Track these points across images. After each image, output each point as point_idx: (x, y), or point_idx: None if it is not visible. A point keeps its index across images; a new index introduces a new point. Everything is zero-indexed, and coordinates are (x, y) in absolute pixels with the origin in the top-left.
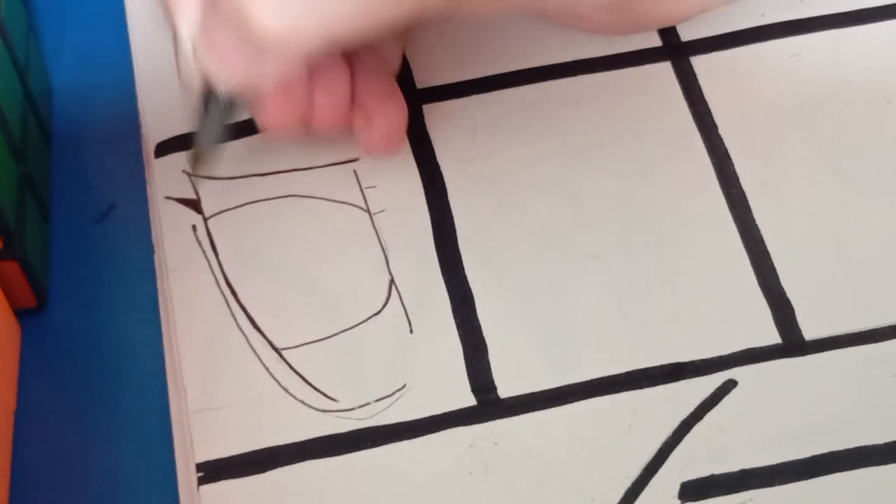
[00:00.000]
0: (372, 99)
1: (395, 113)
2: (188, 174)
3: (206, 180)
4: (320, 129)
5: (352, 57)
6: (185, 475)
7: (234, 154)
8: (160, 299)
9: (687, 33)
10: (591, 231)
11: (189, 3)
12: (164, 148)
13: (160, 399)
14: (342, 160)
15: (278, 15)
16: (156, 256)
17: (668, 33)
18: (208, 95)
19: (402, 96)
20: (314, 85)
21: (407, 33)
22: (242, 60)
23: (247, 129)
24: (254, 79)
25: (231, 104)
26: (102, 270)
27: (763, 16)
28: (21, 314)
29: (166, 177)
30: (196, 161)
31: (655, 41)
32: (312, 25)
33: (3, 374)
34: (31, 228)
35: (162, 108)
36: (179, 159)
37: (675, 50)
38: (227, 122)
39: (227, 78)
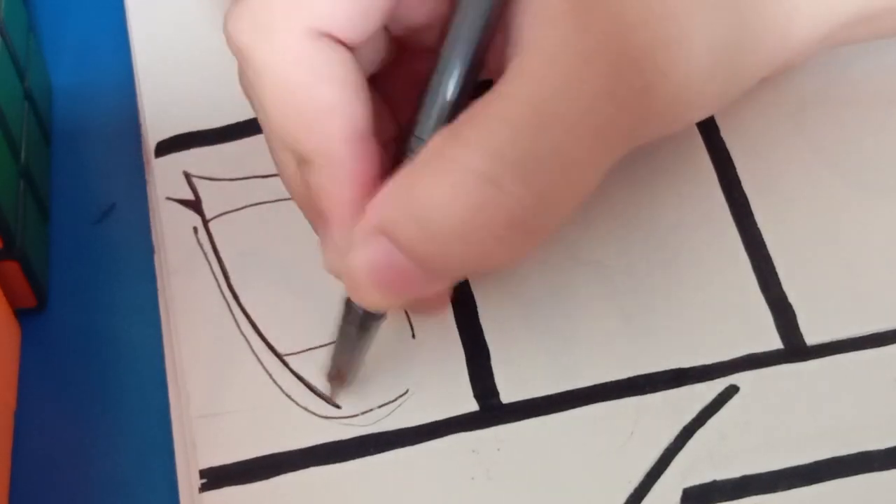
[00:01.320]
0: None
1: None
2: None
3: (205, 180)
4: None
5: None
6: (186, 482)
7: (235, 155)
8: (160, 300)
9: None
10: (592, 236)
11: (340, 203)
12: (164, 147)
13: (160, 399)
14: None
15: (505, 242)
16: (156, 257)
17: None
18: (347, 314)
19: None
20: None
21: None
22: (411, 284)
23: (247, 129)
24: (414, 296)
25: (372, 318)
26: (102, 270)
27: None
28: (21, 314)
29: (166, 177)
30: (335, 378)
31: None
32: (534, 241)
33: (3, 374)
34: (31, 228)
35: (162, 108)
36: (179, 159)
37: None
38: (369, 333)
39: (381, 302)
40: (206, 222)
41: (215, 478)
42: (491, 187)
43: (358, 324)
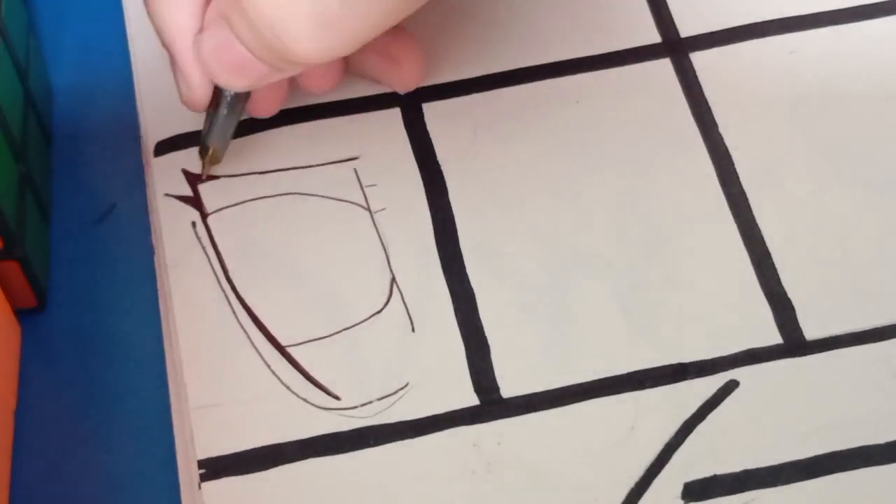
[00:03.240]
0: (392, 43)
1: (414, 50)
2: (188, 173)
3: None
4: (312, 89)
5: None
6: (186, 474)
7: (232, 152)
8: (160, 298)
9: (686, 29)
10: (591, 230)
11: (181, 31)
12: (164, 147)
13: (160, 399)
14: (342, 158)
15: (319, 41)
16: (156, 257)
17: (668, 29)
18: (216, 97)
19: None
20: None
21: None
22: (259, 71)
23: (243, 128)
24: (266, 82)
25: (239, 101)
26: (102, 270)
27: (762, 12)
28: (21, 314)
29: (165, 175)
30: (206, 155)
31: (655, 38)
32: (351, 40)
33: (3, 374)
34: (31, 228)
35: (161, 108)
36: (179, 158)
37: (675, 47)
38: (235, 117)
39: (237, 85)
40: (204, 217)
41: (214, 468)
42: None
43: (227, 104)
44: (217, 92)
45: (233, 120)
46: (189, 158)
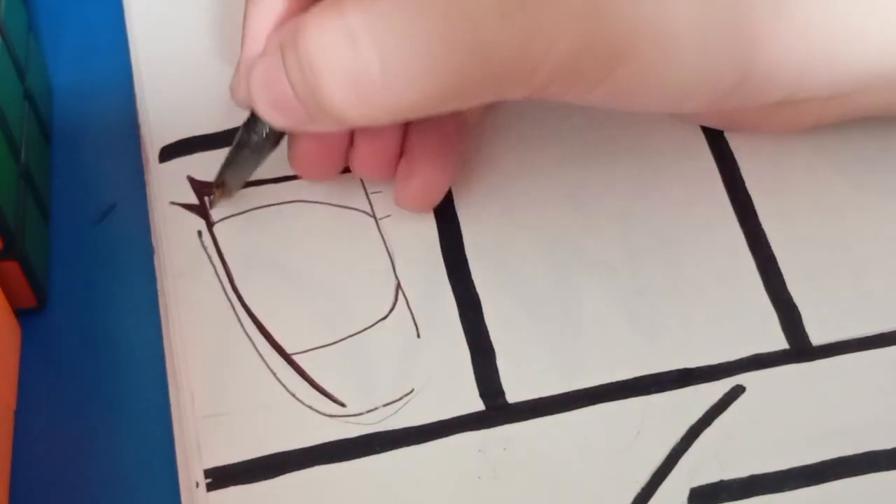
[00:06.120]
0: (419, 153)
1: (436, 174)
2: (193, 181)
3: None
4: (360, 173)
5: None
6: (186, 474)
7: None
8: (160, 301)
9: None
10: (597, 236)
11: (255, 36)
12: (168, 152)
13: (161, 399)
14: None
15: (352, 100)
16: (156, 257)
17: None
18: (248, 126)
19: (450, 159)
20: (358, 130)
21: None
22: (298, 114)
23: None
24: (303, 129)
25: (270, 138)
26: (102, 271)
27: None
28: (21, 314)
29: (171, 181)
30: (219, 190)
31: None
32: (384, 112)
33: (3, 374)
34: (31, 228)
35: (164, 112)
36: (183, 164)
37: None
38: (259, 158)
39: (274, 121)
40: (210, 226)
41: (220, 478)
42: (349, 43)
43: (258, 136)
44: (249, 125)
45: (256, 160)
46: (194, 164)
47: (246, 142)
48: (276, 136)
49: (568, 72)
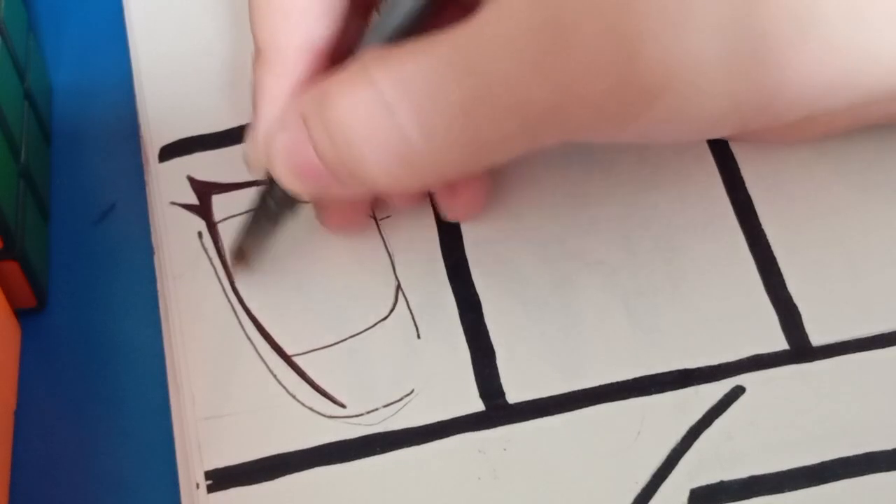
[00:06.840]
0: None
1: (477, 182)
2: (193, 180)
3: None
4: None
5: None
6: (186, 475)
7: (239, 159)
8: (160, 301)
9: None
10: (597, 237)
11: (273, 98)
12: (168, 152)
13: (160, 399)
14: None
15: (394, 170)
16: (156, 257)
17: None
18: (265, 193)
19: None
20: None
21: None
22: (325, 181)
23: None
24: (329, 195)
25: (289, 205)
26: (102, 271)
27: None
28: (21, 314)
29: (171, 181)
30: (238, 257)
31: None
32: (427, 177)
33: (3, 374)
34: (31, 228)
35: (164, 112)
36: (183, 163)
37: None
38: (278, 223)
39: (297, 189)
40: (210, 226)
41: (221, 479)
42: (386, 114)
43: (276, 204)
44: (266, 192)
45: (273, 227)
46: (194, 164)
47: (264, 208)
48: (294, 202)
49: (601, 116)
